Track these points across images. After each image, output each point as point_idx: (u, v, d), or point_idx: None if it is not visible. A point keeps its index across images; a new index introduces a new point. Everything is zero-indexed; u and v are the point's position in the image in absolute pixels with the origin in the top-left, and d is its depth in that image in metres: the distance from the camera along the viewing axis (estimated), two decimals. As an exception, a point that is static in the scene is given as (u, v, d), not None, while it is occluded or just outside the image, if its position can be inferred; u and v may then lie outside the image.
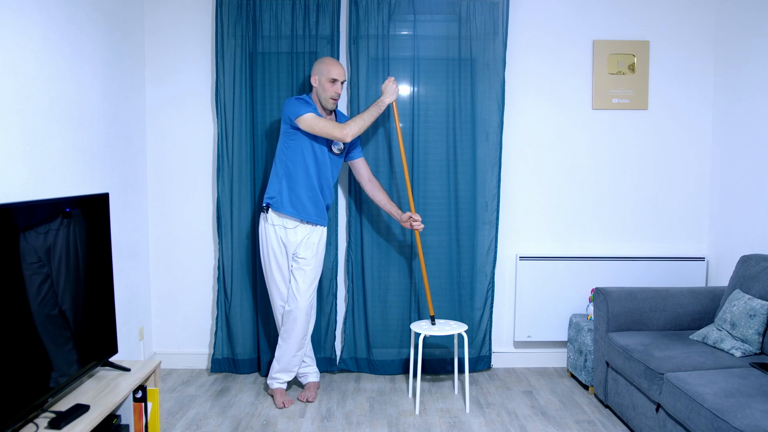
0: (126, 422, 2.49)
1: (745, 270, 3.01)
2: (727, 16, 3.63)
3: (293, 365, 3.26)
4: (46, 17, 2.54)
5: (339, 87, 3.14)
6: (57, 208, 2.23)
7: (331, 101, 3.15)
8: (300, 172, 3.15)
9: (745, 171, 3.46)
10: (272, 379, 3.29)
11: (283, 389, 3.29)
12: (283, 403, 3.21)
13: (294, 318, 3.18)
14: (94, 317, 2.48)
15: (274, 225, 3.18)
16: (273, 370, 3.29)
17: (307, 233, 3.21)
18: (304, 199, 3.16)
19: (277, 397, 3.24)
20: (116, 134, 3.24)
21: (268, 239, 3.20)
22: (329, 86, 3.12)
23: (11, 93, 2.31)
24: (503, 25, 3.57)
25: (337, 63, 3.17)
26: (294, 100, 3.12)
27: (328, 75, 3.12)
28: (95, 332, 2.49)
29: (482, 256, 3.66)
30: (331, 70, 3.12)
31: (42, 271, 2.12)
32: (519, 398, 3.36)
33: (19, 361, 1.99)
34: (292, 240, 3.19)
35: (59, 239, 2.23)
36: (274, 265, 3.22)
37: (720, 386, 2.35)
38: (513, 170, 3.75)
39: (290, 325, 3.20)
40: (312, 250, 3.21)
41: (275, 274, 3.24)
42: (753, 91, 3.39)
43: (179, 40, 3.63)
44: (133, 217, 3.48)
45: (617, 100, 3.73)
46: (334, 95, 3.13)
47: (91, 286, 2.47)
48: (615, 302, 3.16)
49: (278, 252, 3.21)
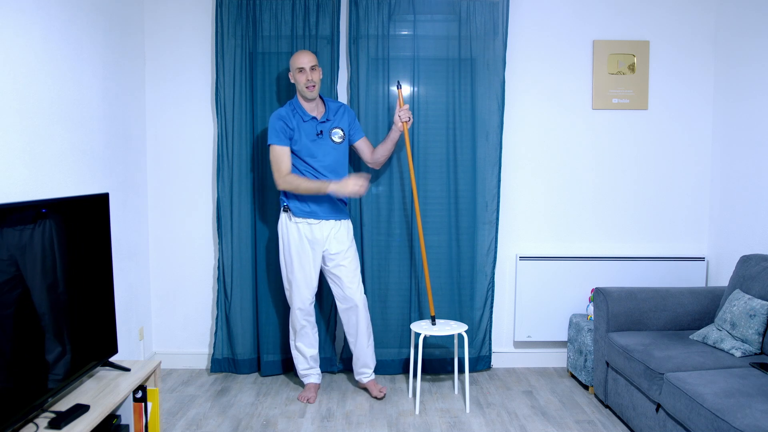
0: (126, 422, 2.49)
1: (745, 270, 3.01)
2: (727, 16, 3.63)
3: (369, 357, 3.37)
4: (46, 17, 2.54)
5: (309, 74, 3.13)
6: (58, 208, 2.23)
7: (307, 90, 3.15)
8: (303, 171, 3.18)
9: (745, 171, 3.45)
10: (359, 374, 3.41)
11: (374, 380, 3.40)
12: (380, 391, 3.33)
13: (355, 313, 3.29)
14: (94, 317, 2.48)
15: (297, 223, 3.20)
16: (356, 366, 3.41)
17: (334, 227, 3.23)
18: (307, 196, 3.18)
19: (371, 389, 3.36)
20: (116, 134, 3.24)
21: (290, 237, 3.22)
22: (299, 76, 3.15)
23: (11, 93, 2.31)
24: (503, 25, 3.57)
25: (301, 52, 3.18)
26: (270, 121, 3.17)
27: (294, 66, 3.16)
28: (95, 332, 2.49)
29: (482, 256, 3.66)
30: (294, 61, 3.16)
31: (39, 271, 2.11)
32: (519, 398, 3.36)
33: (19, 361, 1.99)
34: (318, 236, 3.21)
35: (60, 239, 2.23)
36: (296, 264, 3.22)
37: (720, 386, 2.35)
38: (513, 170, 3.75)
39: (353, 320, 3.30)
40: (343, 242, 3.24)
41: (297, 274, 3.23)
42: (753, 91, 3.39)
43: (179, 40, 3.63)
44: (133, 217, 3.48)
45: (617, 100, 3.73)
46: (305, 83, 3.14)
47: (91, 286, 2.47)
48: (615, 302, 3.16)
49: (302, 250, 3.21)
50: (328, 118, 3.23)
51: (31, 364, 2.06)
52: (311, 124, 3.20)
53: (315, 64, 3.16)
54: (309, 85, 3.14)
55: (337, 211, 3.25)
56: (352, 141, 3.35)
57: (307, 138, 3.17)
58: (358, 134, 3.36)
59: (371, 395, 3.36)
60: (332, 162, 3.22)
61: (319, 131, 3.20)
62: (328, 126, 3.23)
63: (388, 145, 3.33)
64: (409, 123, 3.33)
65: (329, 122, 3.23)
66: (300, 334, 3.33)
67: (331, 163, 3.21)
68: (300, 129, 3.17)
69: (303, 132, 3.18)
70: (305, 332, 3.33)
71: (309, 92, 3.16)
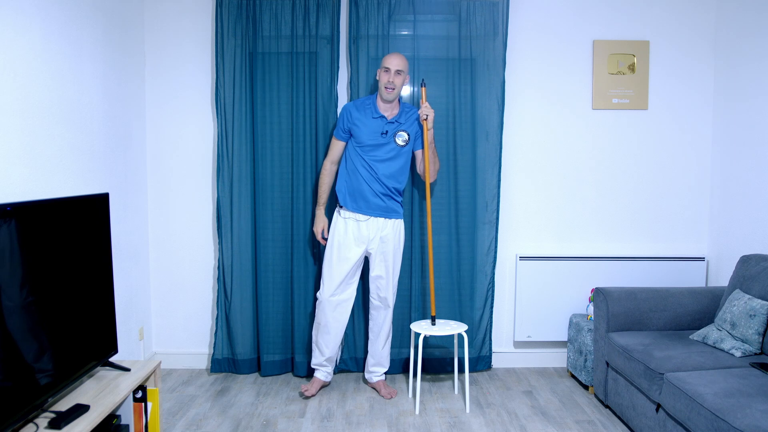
0: (126, 422, 2.49)
1: (745, 270, 3.01)
2: (727, 16, 3.63)
3: (384, 357, 3.42)
4: (46, 17, 2.54)
5: (392, 76, 3.17)
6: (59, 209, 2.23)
7: (386, 91, 3.19)
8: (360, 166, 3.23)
9: (745, 171, 3.45)
10: (371, 373, 3.44)
11: (383, 380, 3.42)
12: (389, 394, 3.34)
13: (384, 313, 3.37)
14: (94, 317, 2.48)
15: (345, 218, 3.25)
16: (369, 365, 3.44)
17: (379, 227, 3.25)
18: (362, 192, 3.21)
19: (380, 389, 3.38)
20: (116, 134, 3.24)
21: (336, 230, 3.28)
22: (383, 75, 3.20)
23: (11, 93, 2.31)
24: (503, 25, 3.57)
25: (394, 54, 3.23)
26: (341, 112, 3.28)
27: (383, 64, 3.21)
28: (95, 332, 2.49)
29: (482, 256, 3.66)
30: (385, 60, 3.21)
31: (37, 270, 2.12)
32: (519, 398, 3.36)
33: (19, 360, 1.99)
34: (364, 234, 3.24)
35: (59, 239, 2.23)
36: (335, 257, 3.26)
37: (720, 386, 2.35)
38: (513, 170, 3.75)
39: (380, 320, 3.39)
40: (388, 242, 3.27)
41: (334, 266, 3.26)
42: (753, 91, 3.39)
43: (179, 39, 3.63)
44: (133, 217, 3.48)
45: (617, 100, 3.73)
46: (386, 84, 3.18)
47: (91, 285, 2.47)
48: (615, 302, 3.16)
49: (345, 244, 3.25)
50: (397, 120, 3.25)
51: (31, 364, 2.05)
52: (379, 122, 3.23)
53: (401, 69, 3.19)
54: (389, 86, 3.17)
55: (386, 209, 3.26)
56: (415, 148, 3.36)
57: (370, 134, 3.21)
58: (419, 143, 3.34)
59: (379, 394, 3.36)
60: (390, 163, 3.24)
61: (384, 131, 3.23)
62: (394, 128, 3.24)
63: (424, 150, 3.30)
64: (429, 120, 3.26)
65: (397, 124, 3.25)
66: (322, 330, 3.35)
67: (389, 164, 3.23)
68: (364, 124, 3.22)
69: (367, 127, 3.22)
70: (327, 330, 3.33)
71: (387, 93, 3.20)
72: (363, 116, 3.23)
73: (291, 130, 3.55)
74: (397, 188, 3.28)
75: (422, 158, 3.34)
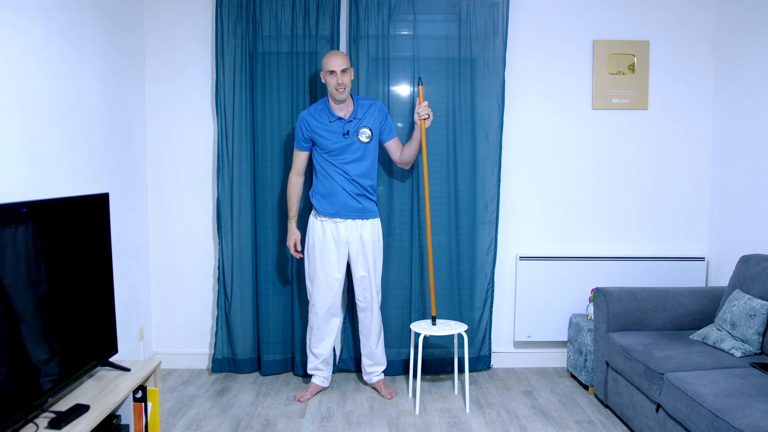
0: (126, 422, 2.49)
1: (745, 270, 3.01)
2: (727, 16, 3.63)
3: (379, 356, 3.42)
4: (46, 17, 2.54)
5: (339, 77, 3.12)
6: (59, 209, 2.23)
7: (337, 93, 3.16)
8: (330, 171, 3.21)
9: (745, 171, 3.45)
10: (369, 374, 3.44)
11: (383, 380, 3.43)
12: (390, 393, 3.35)
13: (370, 314, 3.35)
14: (93, 317, 2.48)
15: (322, 220, 3.23)
16: (366, 366, 3.44)
17: (357, 228, 3.24)
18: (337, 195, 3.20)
19: (380, 389, 3.39)
20: (116, 134, 3.24)
21: (315, 234, 3.25)
22: (330, 79, 3.14)
23: (11, 93, 2.31)
24: (503, 25, 3.57)
25: (333, 54, 3.16)
26: (298, 123, 3.25)
27: (325, 68, 3.15)
28: (95, 332, 2.49)
29: (482, 256, 3.66)
30: (326, 63, 3.15)
31: (37, 270, 2.11)
32: (519, 398, 3.36)
33: (19, 361, 1.99)
34: (343, 235, 3.23)
35: (59, 239, 2.23)
36: (318, 263, 3.24)
37: (720, 386, 2.35)
38: (513, 170, 3.75)
39: (368, 321, 3.37)
40: (367, 242, 3.25)
41: (318, 270, 3.25)
42: (753, 91, 3.39)
43: (179, 39, 3.63)
44: (133, 217, 3.48)
45: (617, 100, 3.73)
46: (335, 86, 3.13)
47: (91, 285, 2.47)
48: (615, 302, 3.16)
49: (326, 248, 3.23)
50: (355, 117, 3.23)
51: (31, 364, 2.05)
52: (338, 124, 3.21)
53: (346, 67, 3.15)
54: (339, 88, 3.14)
55: (362, 210, 3.25)
56: (382, 141, 3.33)
57: (332, 137, 3.19)
58: (389, 134, 3.33)
59: (380, 394, 3.37)
60: (360, 163, 3.22)
61: (345, 131, 3.20)
62: (354, 125, 3.22)
63: (413, 144, 3.31)
64: (428, 120, 3.26)
65: (356, 121, 3.23)
66: (315, 335, 3.35)
67: (358, 164, 3.22)
68: (325, 129, 3.19)
69: (328, 132, 3.19)
70: (320, 335, 3.34)
71: (339, 95, 3.16)
72: (320, 122, 3.20)
73: (291, 129, 3.55)
74: (372, 185, 3.27)
75: (396, 148, 3.33)
